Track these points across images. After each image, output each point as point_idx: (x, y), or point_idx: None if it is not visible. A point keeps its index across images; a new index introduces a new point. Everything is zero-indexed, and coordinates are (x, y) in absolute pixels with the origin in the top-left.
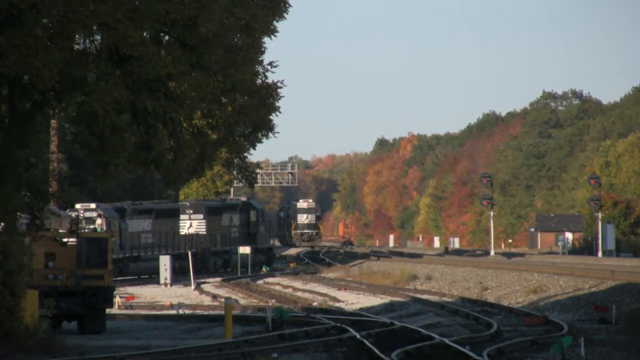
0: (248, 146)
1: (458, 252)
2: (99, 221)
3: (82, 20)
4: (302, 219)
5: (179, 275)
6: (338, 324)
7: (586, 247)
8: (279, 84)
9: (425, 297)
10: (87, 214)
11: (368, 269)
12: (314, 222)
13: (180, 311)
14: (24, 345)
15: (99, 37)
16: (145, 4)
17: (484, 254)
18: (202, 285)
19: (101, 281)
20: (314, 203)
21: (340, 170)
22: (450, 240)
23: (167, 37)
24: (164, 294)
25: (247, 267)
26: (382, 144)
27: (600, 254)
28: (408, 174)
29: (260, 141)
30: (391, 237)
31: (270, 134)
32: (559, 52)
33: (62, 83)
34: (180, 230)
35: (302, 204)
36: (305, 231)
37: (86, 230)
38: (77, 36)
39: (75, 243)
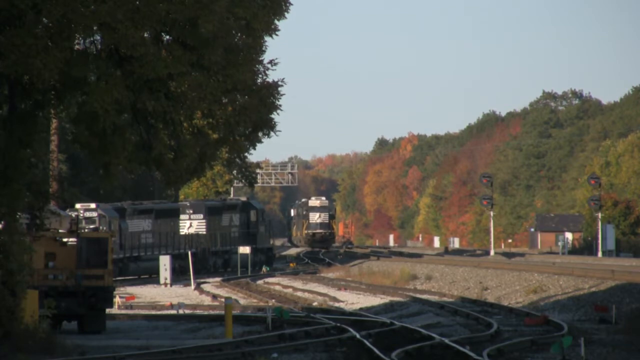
0: (249, 146)
1: (458, 252)
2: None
3: (83, 20)
4: (315, 217)
5: (179, 275)
6: (338, 324)
7: (586, 247)
8: (279, 83)
9: (425, 297)
10: (87, 214)
11: (368, 269)
12: (327, 221)
13: (180, 311)
14: (24, 345)
15: (99, 37)
16: (145, 4)
17: (484, 254)
18: (202, 285)
19: (101, 281)
20: (327, 201)
21: (340, 170)
22: (450, 240)
23: (167, 37)
24: (164, 294)
25: (247, 267)
26: (382, 144)
27: (600, 254)
28: (408, 174)
29: (260, 141)
30: (391, 237)
31: (272, 133)
32: (559, 52)
33: (63, 83)
34: (180, 230)
35: (314, 201)
36: (318, 231)
37: (86, 230)
38: (77, 36)
39: (75, 243)
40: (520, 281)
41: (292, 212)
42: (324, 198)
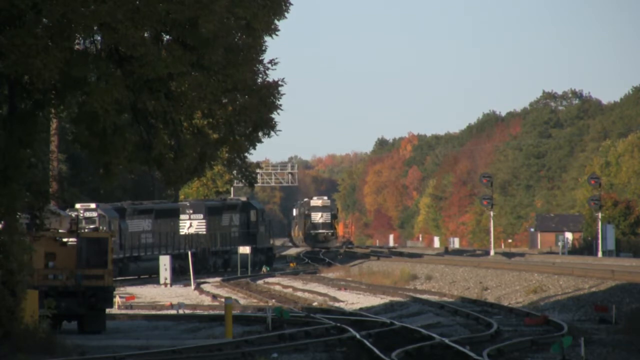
0: (249, 146)
1: (458, 252)
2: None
3: (83, 20)
4: (317, 217)
5: (179, 275)
6: (338, 324)
7: (586, 247)
8: (279, 82)
9: (425, 297)
10: (87, 214)
11: (368, 269)
12: (329, 221)
13: (180, 311)
14: (24, 345)
15: (99, 37)
16: (145, 4)
17: (484, 254)
18: (202, 285)
19: (101, 281)
20: (329, 200)
21: (340, 170)
22: (450, 240)
23: (167, 37)
24: (164, 294)
25: (247, 267)
26: (382, 144)
27: (600, 254)
28: (408, 174)
29: (260, 141)
30: (391, 237)
31: (272, 133)
32: (559, 52)
33: (63, 83)
34: (180, 230)
35: (316, 201)
36: (320, 231)
37: (86, 230)
38: (77, 36)
39: (75, 243)
40: (520, 281)
41: (294, 212)
42: (326, 198)
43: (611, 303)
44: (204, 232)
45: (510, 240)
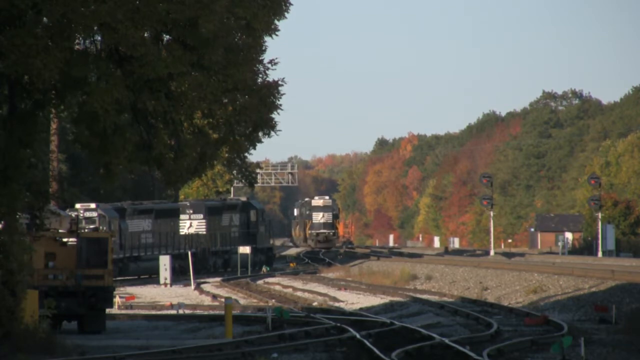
0: (249, 146)
1: (458, 252)
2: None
3: (83, 20)
4: (318, 217)
5: (179, 275)
6: (338, 324)
7: (586, 247)
8: (279, 82)
9: (425, 297)
10: (87, 214)
11: (368, 269)
12: (330, 221)
13: (180, 311)
14: (24, 345)
15: (99, 37)
16: (145, 4)
17: (484, 254)
18: (202, 285)
19: (101, 281)
20: (330, 200)
21: (340, 170)
22: (450, 240)
23: (167, 37)
24: (164, 294)
25: (247, 267)
26: (382, 144)
27: (600, 254)
28: (408, 174)
29: (260, 141)
30: (391, 237)
31: (272, 133)
32: (559, 52)
33: (63, 83)
34: (180, 230)
35: (317, 201)
36: (321, 231)
37: (86, 230)
38: (77, 36)
39: (75, 243)
40: (520, 281)
41: (295, 212)
42: (327, 197)
43: (611, 303)
44: (204, 232)
45: (510, 240)
